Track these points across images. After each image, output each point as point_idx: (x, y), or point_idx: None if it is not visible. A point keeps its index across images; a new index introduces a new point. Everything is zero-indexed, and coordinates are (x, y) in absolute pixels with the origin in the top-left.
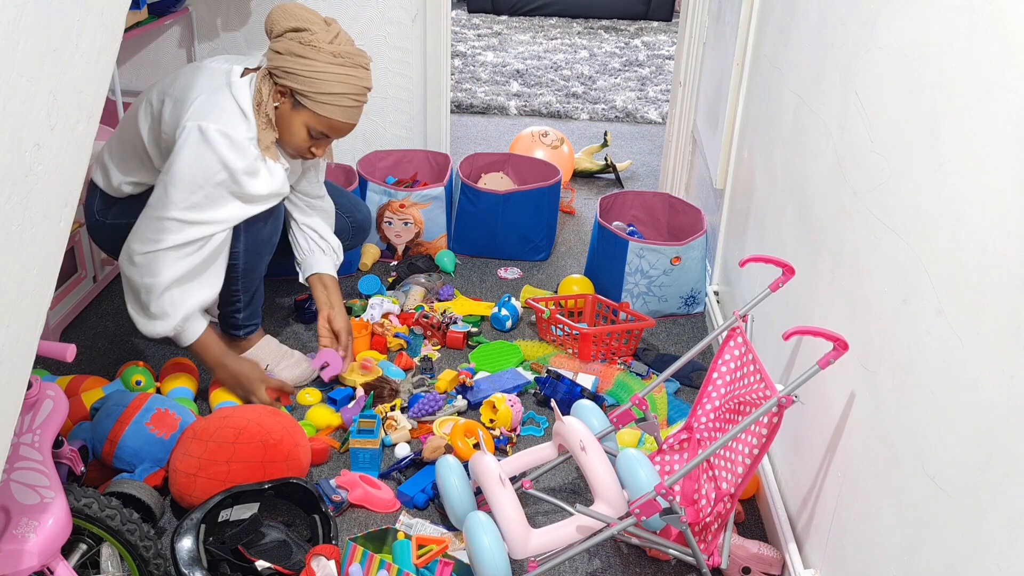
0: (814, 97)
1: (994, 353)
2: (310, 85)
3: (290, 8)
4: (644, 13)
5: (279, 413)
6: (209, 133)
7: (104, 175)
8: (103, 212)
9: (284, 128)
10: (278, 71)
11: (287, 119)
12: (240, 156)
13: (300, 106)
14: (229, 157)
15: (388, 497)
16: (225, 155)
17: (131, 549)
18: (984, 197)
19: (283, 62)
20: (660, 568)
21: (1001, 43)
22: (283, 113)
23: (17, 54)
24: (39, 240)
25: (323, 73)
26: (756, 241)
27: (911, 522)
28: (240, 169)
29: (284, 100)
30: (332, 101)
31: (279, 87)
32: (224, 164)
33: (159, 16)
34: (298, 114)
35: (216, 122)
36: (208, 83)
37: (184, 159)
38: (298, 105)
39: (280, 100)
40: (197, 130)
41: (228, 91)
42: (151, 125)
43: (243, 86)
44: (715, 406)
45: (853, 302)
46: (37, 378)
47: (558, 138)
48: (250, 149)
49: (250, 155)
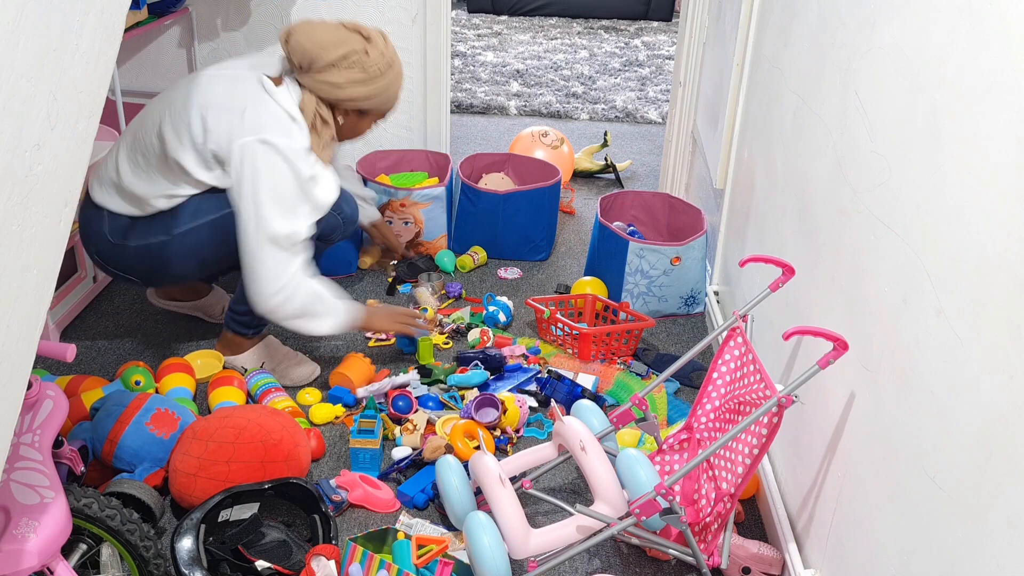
0: (814, 97)
1: (994, 353)
2: (379, 101)
3: (315, 35)
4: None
5: (279, 413)
6: (276, 145)
7: (119, 195)
8: (120, 235)
9: (349, 131)
10: (342, 101)
11: (354, 124)
12: (305, 164)
13: (367, 113)
14: (298, 165)
15: (388, 497)
16: (294, 163)
17: (131, 549)
18: (984, 197)
19: (346, 93)
20: (660, 568)
21: (1001, 43)
22: (348, 124)
23: (17, 54)
24: (39, 240)
25: (388, 84)
26: (756, 241)
27: (911, 522)
28: (306, 176)
29: (349, 115)
30: (396, 96)
31: (341, 109)
32: (294, 173)
33: (159, 16)
34: (366, 118)
35: (275, 134)
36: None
37: (260, 176)
38: (365, 113)
39: (345, 116)
40: (262, 143)
41: (272, 101)
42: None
43: (284, 97)
44: (715, 406)
45: (853, 302)
46: (37, 378)
47: (558, 138)
48: (310, 156)
49: (310, 161)
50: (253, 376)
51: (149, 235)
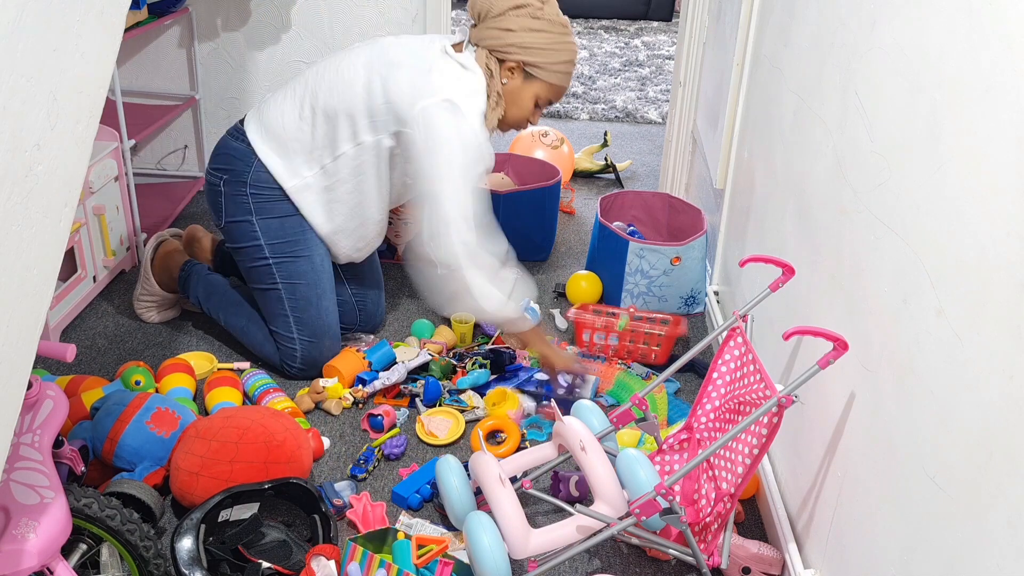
0: (814, 97)
1: (994, 353)
2: (547, 57)
3: None
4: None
5: (281, 415)
6: (460, 107)
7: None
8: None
9: (512, 102)
10: (511, 48)
11: (516, 93)
12: (483, 128)
13: (532, 78)
14: (478, 128)
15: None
16: (476, 126)
17: (131, 549)
18: (984, 197)
19: (517, 39)
20: (660, 568)
21: (1001, 43)
22: (512, 88)
23: (17, 54)
24: (39, 240)
25: (558, 43)
26: (756, 241)
27: (911, 522)
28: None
29: (514, 76)
30: (563, 69)
31: (509, 64)
32: (475, 134)
33: (159, 16)
34: (529, 86)
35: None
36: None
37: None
38: (530, 78)
39: (510, 76)
40: (450, 104)
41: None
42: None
43: (469, 60)
44: (715, 406)
45: (853, 302)
46: (37, 378)
47: (558, 138)
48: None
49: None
50: (251, 376)
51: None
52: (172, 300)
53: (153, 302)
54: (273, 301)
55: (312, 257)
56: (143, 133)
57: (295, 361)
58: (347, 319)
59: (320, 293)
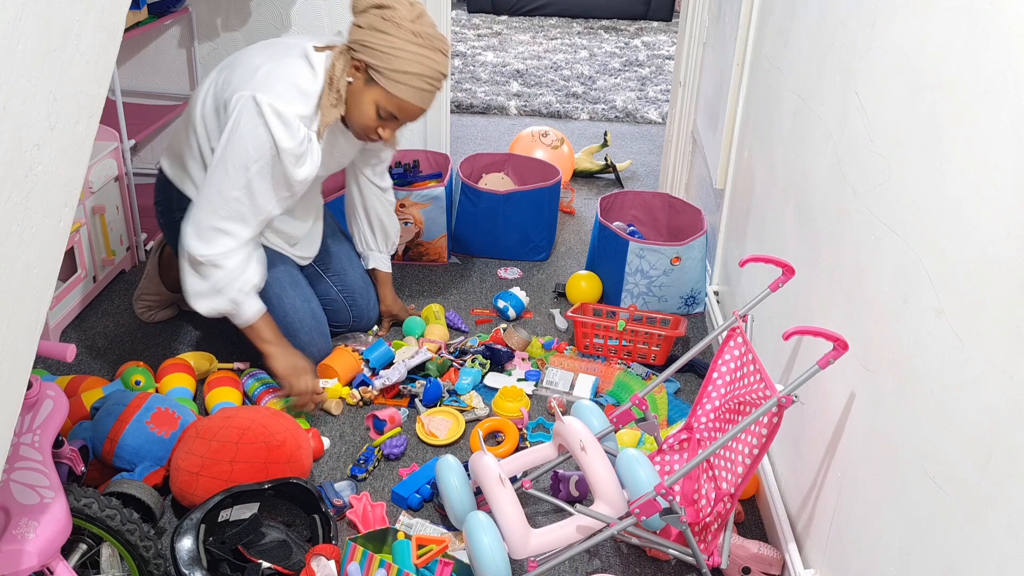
0: (814, 97)
1: (994, 353)
2: (386, 61)
3: None
4: (644, 13)
5: (281, 415)
6: (263, 107)
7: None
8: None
9: (353, 105)
10: (356, 44)
11: (358, 96)
12: (290, 135)
13: (373, 83)
14: (280, 135)
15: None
16: (276, 132)
17: (131, 549)
18: (984, 197)
19: (363, 36)
20: (660, 568)
21: (1001, 43)
22: (355, 89)
23: (17, 54)
24: (39, 240)
25: (400, 50)
26: (756, 241)
27: (911, 522)
28: (288, 149)
29: (358, 75)
30: (405, 80)
31: (355, 61)
32: (272, 143)
33: (159, 16)
34: (370, 91)
35: (272, 97)
36: (275, 51)
37: (240, 131)
38: (371, 82)
39: (354, 75)
40: (252, 101)
41: (297, 61)
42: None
43: (318, 59)
44: (715, 406)
45: (853, 302)
46: (37, 378)
47: (558, 138)
48: (300, 129)
49: (299, 136)
50: (251, 376)
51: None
52: (172, 300)
53: (154, 301)
54: None
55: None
56: (143, 133)
57: None
58: (340, 318)
59: (279, 293)
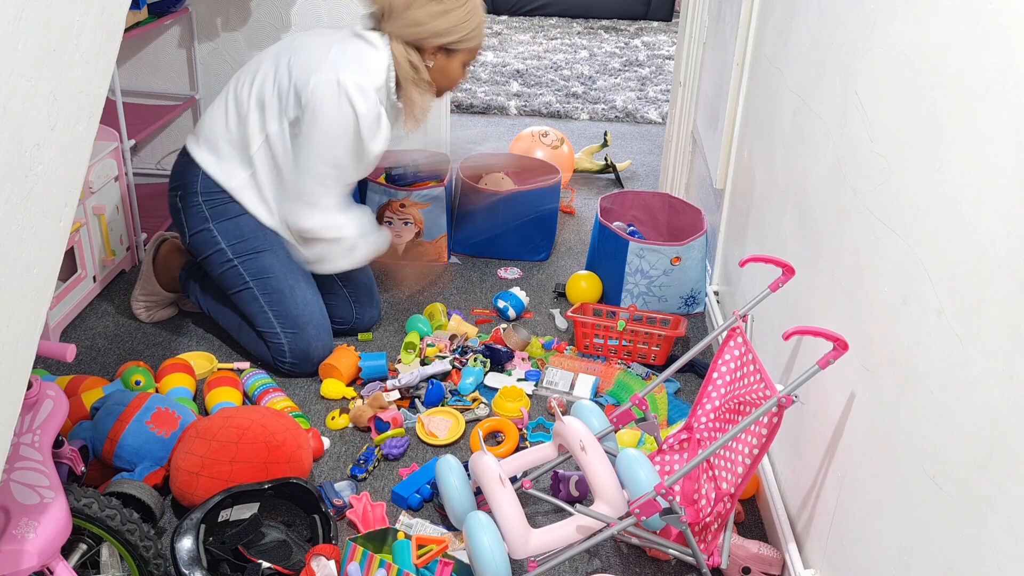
0: (814, 97)
1: (994, 353)
2: (462, 32)
3: None
4: (644, 13)
5: (281, 415)
6: (347, 85)
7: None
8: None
9: (442, 76)
10: (428, 34)
11: (444, 69)
12: (369, 108)
13: (454, 52)
14: (364, 109)
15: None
16: (359, 106)
17: (131, 549)
18: (984, 197)
19: (429, 29)
20: (660, 568)
21: (1001, 43)
22: (438, 67)
23: (17, 54)
24: (39, 240)
25: (464, 18)
26: (756, 241)
27: (911, 522)
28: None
29: (437, 56)
30: (479, 32)
31: (429, 50)
32: (356, 118)
33: (159, 16)
34: (454, 59)
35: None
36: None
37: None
38: (452, 53)
39: (433, 58)
40: (334, 81)
41: (358, 41)
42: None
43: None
44: (715, 406)
45: (853, 302)
46: (37, 378)
47: (558, 138)
48: (376, 102)
49: (376, 109)
50: (251, 376)
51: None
52: (170, 300)
53: (152, 302)
54: (249, 301)
55: (274, 250)
56: (143, 133)
57: (285, 356)
58: (343, 315)
59: (292, 284)
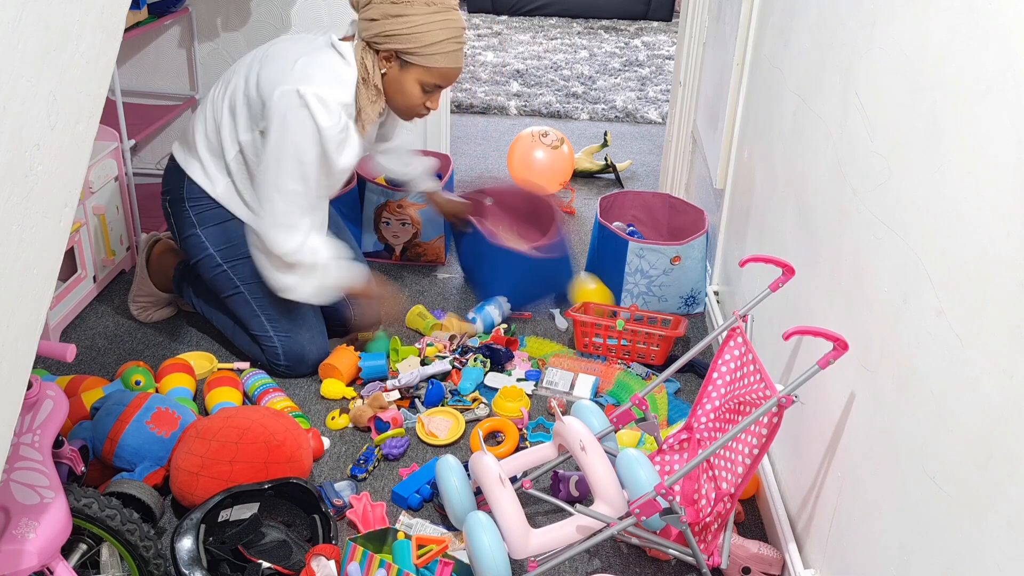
0: (814, 97)
1: (994, 353)
2: (415, 41)
3: None
4: (644, 13)
5: (282, 415)
6: (307, 98)
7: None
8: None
9: (396, 92)
10: (378, 38)
11: (398, 82)
12: (333, 122)
13: (408, 65)
14: (328, 123)
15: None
16: (321, 120)
17: (131, 549)
18: (984, 197)
19: (381, 27)
20: (660, 568)
21: (1001, 43)
22: (392, 78)
23: (17, 54)
24: (39, 240)
25: (422, 25)
26: (756, 241)
27: (911, 522)
28: (331, 137)
29: (391, 64)
30: (439, 50)
31: (383, 54)
32: (320, 132)
33: (159, 16)
34: (408, 74)
35: (314, 86)
36: (306, 45)
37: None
38: (406, 65)
39: (387, 66)
40: (296, 94)
41: (329, 51)
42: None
43: (346, 48)
44: (715, 406)
45: (853, 302)
46: (37, 378)
47: (558, 138)
48: (342, 116)
49: (340, 123)
50: (251, 376)
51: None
52: (166, 300)
53: (148, 302)
54: (241, 305)
55: None
56: (143, 133)
57: (279, 359)
58: (340, 316)
59: None
